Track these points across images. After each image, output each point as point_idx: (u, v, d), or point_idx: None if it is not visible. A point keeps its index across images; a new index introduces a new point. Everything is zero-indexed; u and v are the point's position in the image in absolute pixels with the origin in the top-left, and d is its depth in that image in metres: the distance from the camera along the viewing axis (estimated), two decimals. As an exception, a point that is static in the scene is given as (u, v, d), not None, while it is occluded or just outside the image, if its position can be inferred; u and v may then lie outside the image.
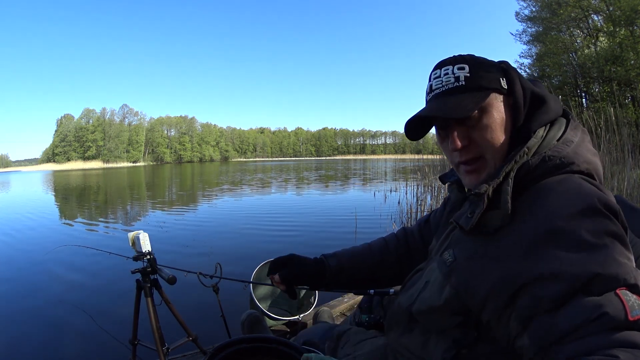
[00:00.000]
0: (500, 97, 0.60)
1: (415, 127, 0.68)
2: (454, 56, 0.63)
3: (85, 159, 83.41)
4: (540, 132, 0.59)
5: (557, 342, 0.42)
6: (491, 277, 0.51)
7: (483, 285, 0.52)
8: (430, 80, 0.64)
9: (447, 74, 0.61)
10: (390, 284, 0.95)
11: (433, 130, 0.69)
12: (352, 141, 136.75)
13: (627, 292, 0.42)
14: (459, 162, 0.62)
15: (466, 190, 0.67)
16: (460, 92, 0.59)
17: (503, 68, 0.62)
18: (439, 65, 0.63)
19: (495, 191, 0.55)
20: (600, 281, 0.42)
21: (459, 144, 0.60)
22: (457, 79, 0.60)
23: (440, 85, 0.61)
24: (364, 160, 71.41)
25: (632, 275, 0.43)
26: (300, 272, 0.88)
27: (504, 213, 0.53)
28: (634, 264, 0.45)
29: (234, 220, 7.30)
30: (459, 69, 0.60)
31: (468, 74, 0.60)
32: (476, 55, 0.63)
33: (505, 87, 0.60)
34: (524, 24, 17.19)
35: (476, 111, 0.58)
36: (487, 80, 0.59)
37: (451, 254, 0.60)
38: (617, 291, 0.42)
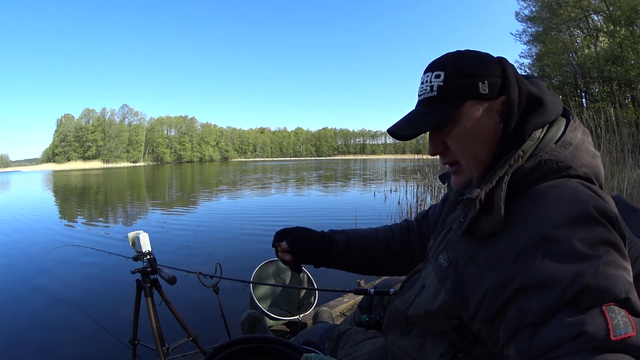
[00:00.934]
0: (482, 104, 0.57)
1: None
2: (439, 59, 0.61)
3: (85, 159, 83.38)
4: (537, 133, 0.56)
5: (539, 357, 0.41)
6: (482, 286, 0.50)
7: (475, 294, 0.51)
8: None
9: (426, 81, 0.60)
10: (392, 273, 0.95)
11: None
12: (352, 141, 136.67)
13: (615, 307, 0.39)
14: (443, 163, 0.64)
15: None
16: (432, 104, 0.59)
17: (500, 67, 0.58)
18: (426, 69, 0.62)
19: (489, 196, 0.53)
20: (588, 295, 0.40)
21: (432, 150, 0.62)
22: (431, 88, 0.59)
23: (421, 93, 0.61)
24: (364, 160, 71.38)
25: (623, 289, 0.41)
26: (308, 240, 0.87)
27: (496, 218, 0.51)
28: (631, 274, 0.44)
29: (234, 220, 7.30)
30: (435, 77, 0.59)
31: (442, 83, 0.58)
32: (471, 50, 0.60)
33: (486, 91, 0.57)
34: (524, 24, 17.23)
35: (448, 121, 0.58)
36: (462, 89, 0.57)
37: (446, 258, 0.59)
38: (603, 307, 0.39)
